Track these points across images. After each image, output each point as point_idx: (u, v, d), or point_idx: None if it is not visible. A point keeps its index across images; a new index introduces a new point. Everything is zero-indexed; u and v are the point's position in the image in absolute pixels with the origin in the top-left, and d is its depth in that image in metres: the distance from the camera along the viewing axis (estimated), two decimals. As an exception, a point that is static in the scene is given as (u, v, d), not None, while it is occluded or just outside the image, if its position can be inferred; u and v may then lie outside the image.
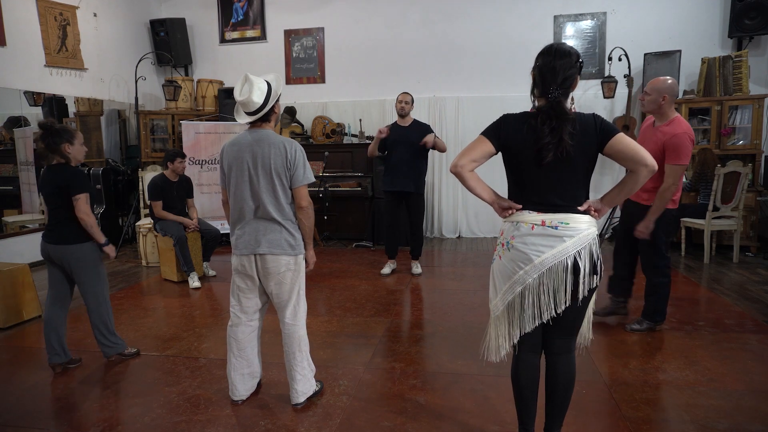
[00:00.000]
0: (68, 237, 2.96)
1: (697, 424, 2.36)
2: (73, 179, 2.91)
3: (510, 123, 1.88)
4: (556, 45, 1.87)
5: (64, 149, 2.93)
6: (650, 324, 3.46)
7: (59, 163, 2.96)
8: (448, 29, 6.97)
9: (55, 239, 2.97)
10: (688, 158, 3.08)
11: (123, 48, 7.09)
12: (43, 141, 2.92)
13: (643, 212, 3.22)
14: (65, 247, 2.96)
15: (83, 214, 2.92)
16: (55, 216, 2.98)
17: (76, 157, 3.00)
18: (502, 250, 1.94)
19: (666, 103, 3.17)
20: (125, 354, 3.21)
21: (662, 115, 3.21)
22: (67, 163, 2.97)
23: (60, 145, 2.92)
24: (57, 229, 2.97)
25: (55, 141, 2.91)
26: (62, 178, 2.91)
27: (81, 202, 2.91)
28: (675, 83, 3.23)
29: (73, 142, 2.96)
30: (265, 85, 2.43)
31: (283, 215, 2.47)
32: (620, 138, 1.82)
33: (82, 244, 2.98)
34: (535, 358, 2.01)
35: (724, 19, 6.21)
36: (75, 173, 2.95)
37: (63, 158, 2.96)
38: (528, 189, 1.90)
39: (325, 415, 2.51)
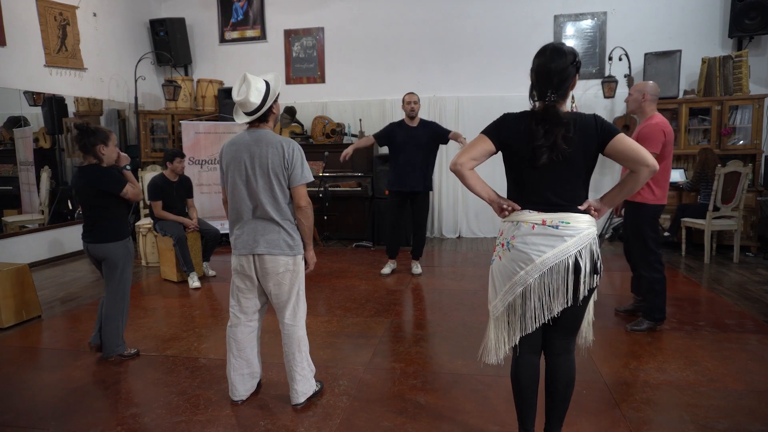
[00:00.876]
0: (106, 236, 3.09)
1: (697, 424, 2.36)
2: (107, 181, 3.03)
3: (510, 122, 1.88)
4: (551, 46, 1.85)
5: (98, 150, 3.03)
6: (650, 323, 3.47)
7: (91, 164, 3.05)
8: (448, 29, 6.97)
9: (94, 238, 3.10)
10: (656, 147, 3.19)
11: (123, 48, 7.09)
12: (79, 142, 3.03)
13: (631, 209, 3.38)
14: (103, 246, 3.09)
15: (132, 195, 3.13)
16: (91, 216, 3.11)
17: (110, 156, 3.09)
18: (502, 250, 1.93)
19: (646, 102, 3.36)
20: (125, 355, 3.23)
21: (642, 113, 3.40)
22: (99, 163, 3.05)
23: (95, 146, 3.02)
24: (95, 229, 3.09)
25: (91, 142, 3.01)
26: (97, 181, 3.02)
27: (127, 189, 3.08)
28: (656, 85, 3.44)
29: (107, 144, 3.05)
30: (263, 84, 2.42)
31: (281, 215, 2.47)
32: (621, 138, 1.82)
33: (117, 242, 3.12)
34: (535, 358, 2.00)
35: (724, 19, 6.21)
36: (106, 173, 3.05)
37: (96, 159, 3.05)
38: (528, 188, 1.89)
39: (325, 415, 2.51)
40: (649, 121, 3.30)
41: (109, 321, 3.16)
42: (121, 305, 3.19)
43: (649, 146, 3.14)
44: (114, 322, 3.16)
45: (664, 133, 3.22)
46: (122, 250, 3.14)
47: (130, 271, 3.23)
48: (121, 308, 3.19)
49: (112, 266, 3.13)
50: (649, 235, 3.36)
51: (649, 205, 3.32)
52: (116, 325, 3.17)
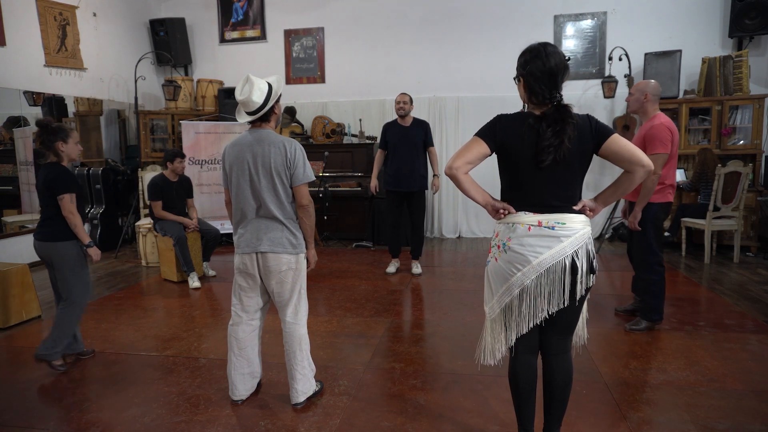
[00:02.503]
0: (53, 234, 2.98)
1: (697, 424, 2.36)
2: (58, 178, 2.94)
3: (506, 123, 1.86)
4: (543, 47, 1.82)
5: (57, 147, 2.97)
6: (648, 323, 3.47)
7: (51, 162, 3.00)
8: (448, 29, 6.97)
9: (42, 236, 3.01)
10: (666, 147, 3.17)
11: (122, 48, 7.09)
12: (39, 139, 2.97)
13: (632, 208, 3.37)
14: (51, 244, 2.98)
15: (68, 213, 2.94)
16: (44, 213, 3.03)
17: (70, 155, 3.02)
18: (497, 252, 1.92)
19: (648, 101, 3.32)
20: (52, 364, 3.04)
21: (645, 113, 3.37)
22: (59, 161, 3.00)
23: (54, 143, 2.96)
24: (44, 227, 3.01)
25: (50, 139, 2.95)
26: (50, 177, 2.94)
27: (65, 202, 2.93)
28: (657, 84, 3.39)
29: (67, 141, 2.99)
30: (265, 85, 2.44)
31: (284, 214, 2.48)
32: (615, 139, 1.82)
33: (66, 241, 2.99)
34: (532, 358, 2.00)
35: (724, 19, 6.21)
36: (62, 172, 2.97)
37: (56, 156, 2.99)
38: (524, 190, 1.88)
39: (325, 415, 2.51)
40: (653, 122, 3.26)
41: (59, 325, 3.01)
42: (74, 311, 3.04)
43: (659, 147, 3.15)
44: (61, 326, 3.01)
45: (671, 131, 3.20)
46: (72, 247, 3.00)
47: (86, 274, 3.08)
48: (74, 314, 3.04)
49: (58, 268, 3.01)
50: (652, 235, 3.35)
51: (654, 204, 3.30)
52: (62, 329, 3.01)
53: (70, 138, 3.00)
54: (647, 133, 3.23)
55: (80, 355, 3.22)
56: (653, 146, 3.17)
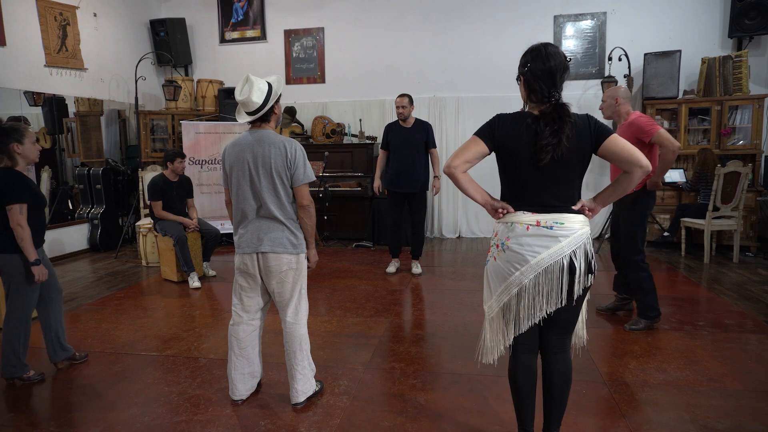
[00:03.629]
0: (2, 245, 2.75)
1: (697, 424, 2.36)
2: (8, 186, 2.68)
3: (505, 123, 1.87)
4: (544, 47, 1.84)
5: (12, 149, 2.72)
6: (647, 322, 3.49)
7: (4, 167, 2.74)
8: (448, 29, 6.97)
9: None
10: (656, 126, 3.24)
11: (123, 48, 7.09)
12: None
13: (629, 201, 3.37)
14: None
15: (15, 225, 2.68)
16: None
17: (29, 156, 2.79)
18: (496, 251, 1.93)
19: (620, 105, 3.41)
20: (23, 378, 2.87)
21: (619, 116, 3.45)
22: (13, 165, 2.75)
23: (8, 146, 2.71)
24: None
25: (3, 141, 2.71)
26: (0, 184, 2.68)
27: (13, 212, 2.67)
28: (626, 88, 3.54)
29: (22, 141, 2.74)
30: (265, 85, 2.44)
31: (285, 214, 2.48)
32: (614, 139, 1.83)
33: (10, 254, 2.75)
34: (531, 358, 2.01)
35: (724, 19, 6.21)
36: (13, 180, 2.70)
37: (10, 160, 2.74)
38: (523, 189, 1.89)
39: (325, 415, 2.51)
40: (630, 119, 3.33)
41: (6, 341, 2.82)
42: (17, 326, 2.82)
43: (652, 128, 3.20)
44: (9, 343, 2.82)
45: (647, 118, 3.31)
46: (17, 262, 2.76)
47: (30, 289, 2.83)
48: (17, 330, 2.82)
49: (8, 280, 2.79)
50: (639, 231, 3.41)
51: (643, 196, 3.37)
52: (12, 346, 2.82)
53: (25, 138, 2.74)
54: (633, 129, 3.26)
55: (72, 359, 3.12)
56: (648, 132, 3.21)
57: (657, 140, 3.21)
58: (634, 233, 3.41)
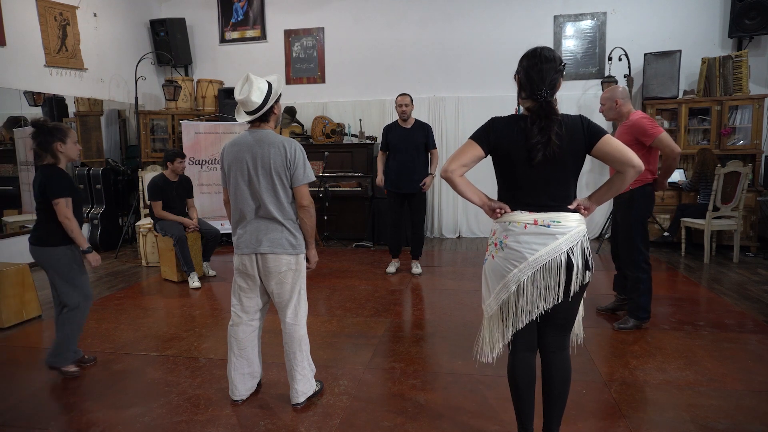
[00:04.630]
0: (45, 239, 2.89)
1: (697, 424, 2.36)
2: (53, 182, 2.83)
3: (499, 126, 1.91)
4: (540, 49, 1.89)
5: (56, 148, 2.86)
6: (635, 322, 3.49)
7: (48, 164, 2.89)
8: (448, 29, 6.97)
9: (34, 240, 2.92)
10: (658, 128, 3.23)
11: (123, 48, 7.09)
12: (35, 140, 2.86)
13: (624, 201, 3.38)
14: (42, 249, 2.90)
15: (64, 218, 2.84)
16: (38, 216, 2.93)
17: (70, 155, 2.93)
18: (494, 249, 1.96)
19: (620, 105, 3.40)
20: (62, 370, 2.99)
21: (621, 116, 3.43)
22: (56, 163, 2.89)
23: (52, 144, 2.85)
24: (36, 230, 2.92)
25: (48, 140, 2.84)
26: (45, 180, 2.83)
27: (60, 206, 2.83)
28: (624, 87, 3.50)
29: (65, 141, 2.88)
30: (265, 85, 2.44)
31: (284, 214, 2.48)
32: (607, 139, 1.86)
33: (56, 247, 2.89)
34: (530, 357, 2.02)
35: (724, 19, 6.21)
36: (58, 176, 2.86)
37: (53, 157, 2.88)
38: (519, 190, 1.92)
39: (325, 415, 2.51)
40: (631, 119, 3.32)
41: (62, 331, 2.96)
42: (73, 317, 2.96)
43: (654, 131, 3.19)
44: (61, 333, 2.96)
45: (648, 118, 3.30)
46: (63, 254, 2.91)
47: (80, 278, 2.98)
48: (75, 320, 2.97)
49: (50, 274, 2.93)
50: (637, 232, 3.39)
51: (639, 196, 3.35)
52: (66, 335, 2.96)
53: (68, 138, 2.89)
54: (635, 131, 3.25)
55: (81, 362, 3.12)
56: (650, 135, 3.20)
57: (657, 145, 3.20)
58: (631, 234, 3.40)
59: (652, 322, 3.59)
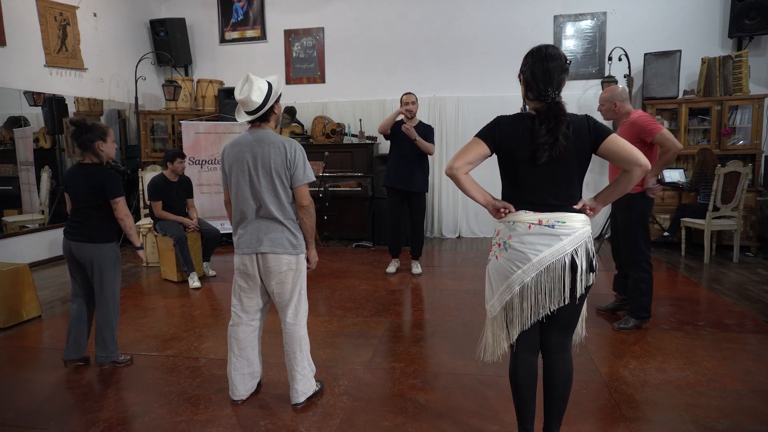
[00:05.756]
0: (96, 236, 2.94)
1: (697, 424, 2.36)
2: (110, 182, 2.90)
3: (505, 125, 1.89)
4: (544, 48, 1.87)
5: (97, 147, 2.90)
6: (636, 322, 3.49)
7: (93, 163, 2.93)
8: (448, 29, 6.98)
9: (82, 237, 2.93)
10: (659, 125, 3.24)
11: (123, 48, 7.09)
12: (76, 139, 2.88)
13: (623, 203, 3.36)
14: (92, 246, 2.93)
15: (124, 216, 2.95)
16: (84, 214, 2.94)
17: (109, 154, 2.98)
18: (498, 250, 1.94)
19: (619, 107, 3.41)
20: (118, 362, 3.12)
21: (621, 116, 3.44)
22: (100, 162, 2.95)
23: (94, 143, 2.89)
24: (84, 228, 2.94)
25: (89, 138, 2.87)
26: (99, 180, 2.88)
27: (121, 204, 2.94)
28: (623, 88, 3.47)
29: (106, 140, 2.92)
30: (265, 85, 2.44)
31: (284, 214, 2.48)
32: (613, 139, 1.84)
33: (108, 243, 2.98)
34: (532, 357, 2.01)
35: (724, 19, 6.21)
36: (112, 176, 2.93)
37: (96, 156, 2.92)
38: (524, 189, 1.90)
39: (325, 415, 2.51)
40: (631, 117, 3.33)
41: (103, 329, 3.03)
42: (116, 311, 3.07)
43: (654, 129, 3.20)
44: (110, 329, 3.04)
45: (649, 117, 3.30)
46: (113, 250, 3.01)
47: (120, 275, 3.10)
48: (116, 314, 3.08)
49: (107, 269, 2.98)
50: (639, 233, 3.39)
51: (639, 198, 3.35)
52: (111, 332, 3.05)
53: (108, 136, 2.93)
54: (635, 129, 3.25)
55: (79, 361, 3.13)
56: (650, 131, 3.20)
57: (659, 140, 3.19)
58: (632, 234, 3.40)
59: (652, 322, 3.59)
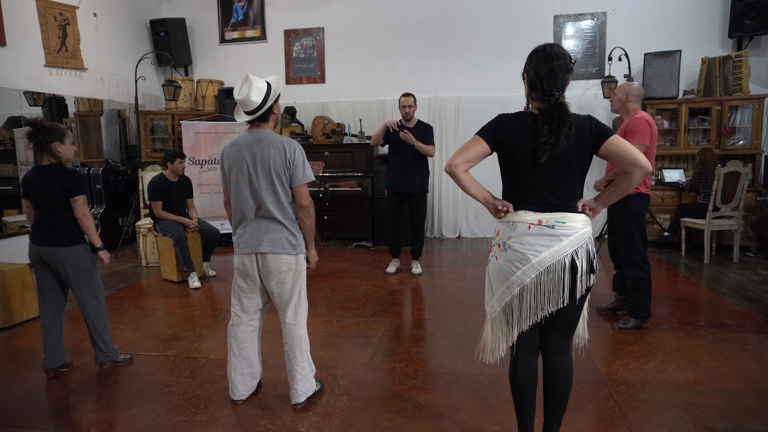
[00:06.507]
0: (67, 238, 2.88)
1: (697, 424, 2.36)
2: (72, 180, 2.85)
3: (506, 123, 1.88)
4: (549, 47, 1.85)
5: (54, 148, 2.83)
6: (636, 321, 3.49)
7: (53, 164, 2.87)
8: (448, 29, 6.97)
9: (51, 241, 2.86)
10: (646, 139, 3.26)
11: (123, 48, 7.09)
12: (33, 139, 2.81)
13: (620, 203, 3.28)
14: (64, 249, 2.86)
15: (82, 215, 2.87)
16: (52, 217, 2.87)
17: (67, 156, 2.90)
18: (498, 250, 1.94)
19: (629, 101, 3.44)
20: (118, 361, 3.11)
21: (626, 111, 3.48)
22: (59, 162, 2.88)
23: (50, 144, 2.82)
24: (54, 231, 2.87)
25: (46, 139, 2.81)
26: (62, 179, 2.82)
27: (80, 204, 2.86)
28: (640, 87, 3.50)
29: (63, 141, 2.85)
30: (264, 85, 2.44)
31: (284, 214, 2.48)
32: (615, 140, 1.83)
33: (79, 245, 2.92)
34: (533, 358, 2.01)
35: (724, 19, 6.21)
36: (75, 174, 2.89)
37: (53, 157, 2.85)
38: (524, 188, 1.89)
39: (325, 415, 2.51)
40: (634, 116, 3.37)
41: (98, 328, 3.00)
42: (101, 311, 3.02)
43: (639, 138, 3.23)
44: (96, 332, 3.00)
45: (649, 125, 3.30)
46: (85, 251, 2.96)
47: (98, 274, 3.06)
48: (102, 314, 3.02)
49: (81, 271, 2.92)
50: (636, 233, 3.40)
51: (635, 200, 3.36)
52: (99, 333, 3.01)
53: (66, 138, 2.87)
54: (627, 125, 3.33)
55: (61, 367, 3.05)
56: (633, 137, 3.23)
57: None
58: (630, 235, 3.40)
59: (652, 322, 3.59)
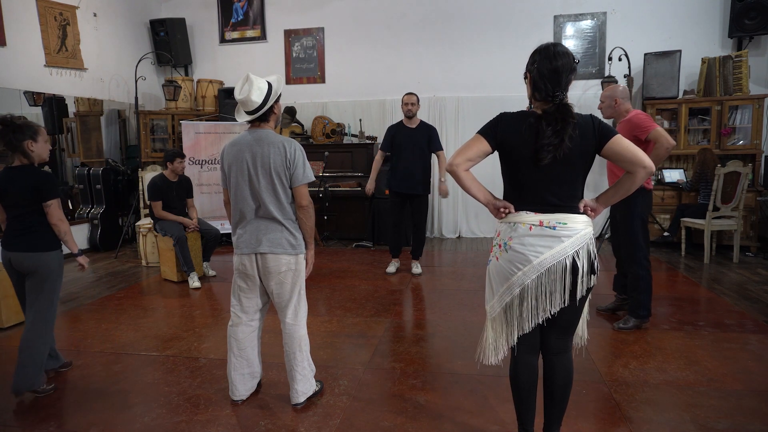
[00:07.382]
0: (39, 244, 2.68)
1: (697, 424, 2.36)
2: (44, 183, 2.65)
3: (507, 122, 1.86)
4: (552, 46, 1.84)
5: (27, 147, 2.64)
6: (636, 321, 3.49)
7: (24, 164, 2.68)
8: (448, 29, 6.98)
9: (24, 246, 2.67)
10: (654, 124, 3.25)
11: (123, 48, 7.09)
12: (2, 138, 2.63)
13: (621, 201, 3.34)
14: (35, 255, 2.67)
15: (57, 220, 2.68)
16: (24, 221, 2.68)
17: (40, 155, 2.71)
18: (498, 251, 1.93)
19: (619, 105, 3.44)
20: (39, 391, 2.76)
21: (620, 114, 3.47)
22: (31, 163, 2.69)
23: (22, 143, 2.63)
24: (26, 236, 2.67)
25: (17, 138, 2.63)
26: (33, 181, 2.64)
27: (54, 208, 2.67)
28: (624, 87, 3.50)
29: (36, 139, 2.66)
30: (265, 85, 2.44)
31: (284, 214, 2.48)
32: (618, 140, 1.82)
33: (52, 251, 2.72)
34: (533, 358, 2.01)
35: (724, 19, 6.21)
36: (46, 176, 2.69)
37: (26, 157, 2.67)
38: (525, 189, 1.88)
39: (325, 415, 2.51)
40: (629, 116, 3.36)
41: (30, 348, 2.69)
42: (47, 328, 2.75)
43: (649, 126, 3.21)
44: (36, 350, 2.70)
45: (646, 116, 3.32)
46: (58, 258, 2.75)
47: (60, 287, 2.80)
48: (47, 332, 2.75)
49: (43, 280, 2.69)
50: (638, 229, 3.40)
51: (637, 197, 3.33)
52: (39, 353, 2.71)
53: (39, 136, 2.67)
54: (630, 125, 3.30)
55: (61, 367, 3.02)
56: (645, 128, 3.22)
57: (654, 137, 3.20)
58: (632, 232, 3.40)
59: (652, 322, 3.59)
